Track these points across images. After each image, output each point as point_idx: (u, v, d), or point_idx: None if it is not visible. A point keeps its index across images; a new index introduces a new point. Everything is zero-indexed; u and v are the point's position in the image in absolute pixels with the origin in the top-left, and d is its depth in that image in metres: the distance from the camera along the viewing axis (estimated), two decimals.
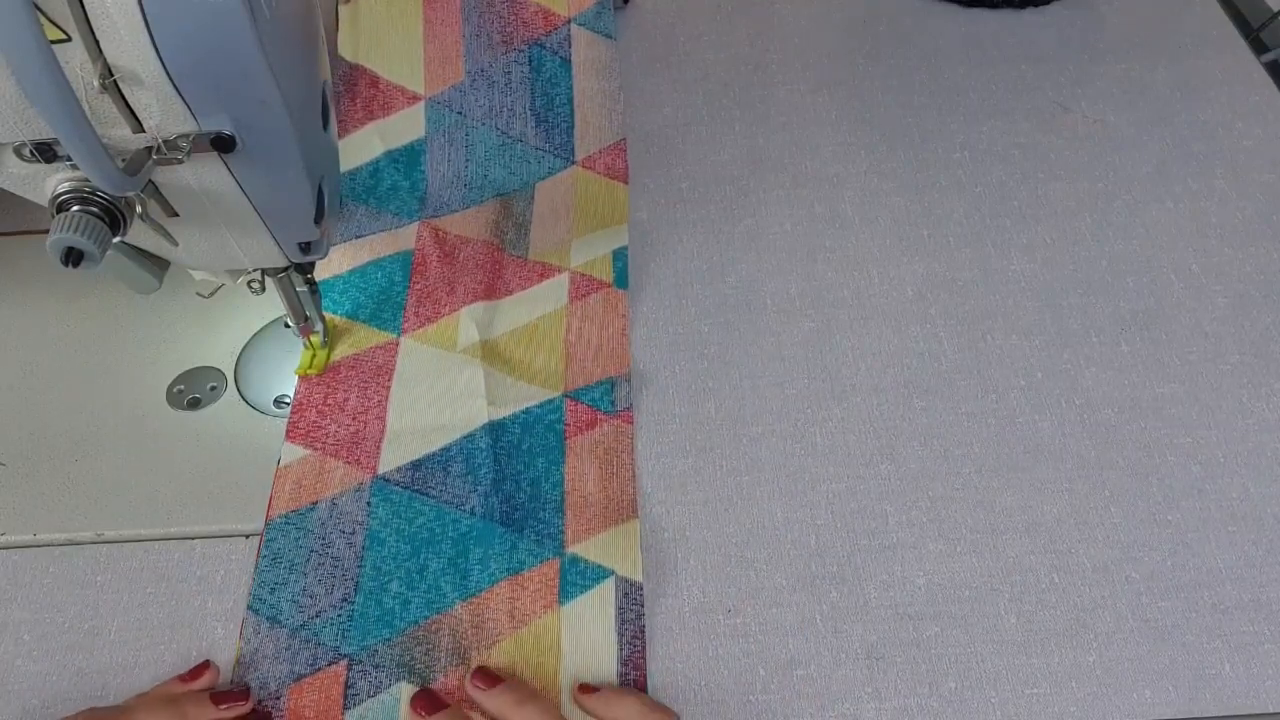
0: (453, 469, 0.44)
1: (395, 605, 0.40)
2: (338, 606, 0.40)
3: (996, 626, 0.40)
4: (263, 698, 0.38)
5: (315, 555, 0.42)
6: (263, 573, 0.41)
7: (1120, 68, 0.62)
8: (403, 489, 0.43)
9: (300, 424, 0.45)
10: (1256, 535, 0.42)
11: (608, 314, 0.50)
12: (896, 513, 0.43)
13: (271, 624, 0.40)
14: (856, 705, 0.38)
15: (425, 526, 0.42)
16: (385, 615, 0.40)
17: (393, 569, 0.41)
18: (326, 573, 0.41)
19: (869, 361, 0.48)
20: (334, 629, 0.40)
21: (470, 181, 0.55)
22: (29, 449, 0.45)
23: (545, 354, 0.48)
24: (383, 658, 0.39)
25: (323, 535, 0.42)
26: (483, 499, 0.43)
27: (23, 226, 0.54)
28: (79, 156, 0.25)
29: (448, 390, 0.47)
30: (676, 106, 0.61)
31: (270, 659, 0.39)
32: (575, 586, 0.40)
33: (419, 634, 0.40)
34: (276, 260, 0.39)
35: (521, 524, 0.42)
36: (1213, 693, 0.38)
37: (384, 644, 0.39)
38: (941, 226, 0.54)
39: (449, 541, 0.42)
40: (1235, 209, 0.54)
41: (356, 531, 0.42)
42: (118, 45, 0.26)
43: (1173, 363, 0.48)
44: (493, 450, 0.44)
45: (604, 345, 0.49)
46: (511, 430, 0.45)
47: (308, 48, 0.34)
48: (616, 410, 0.46)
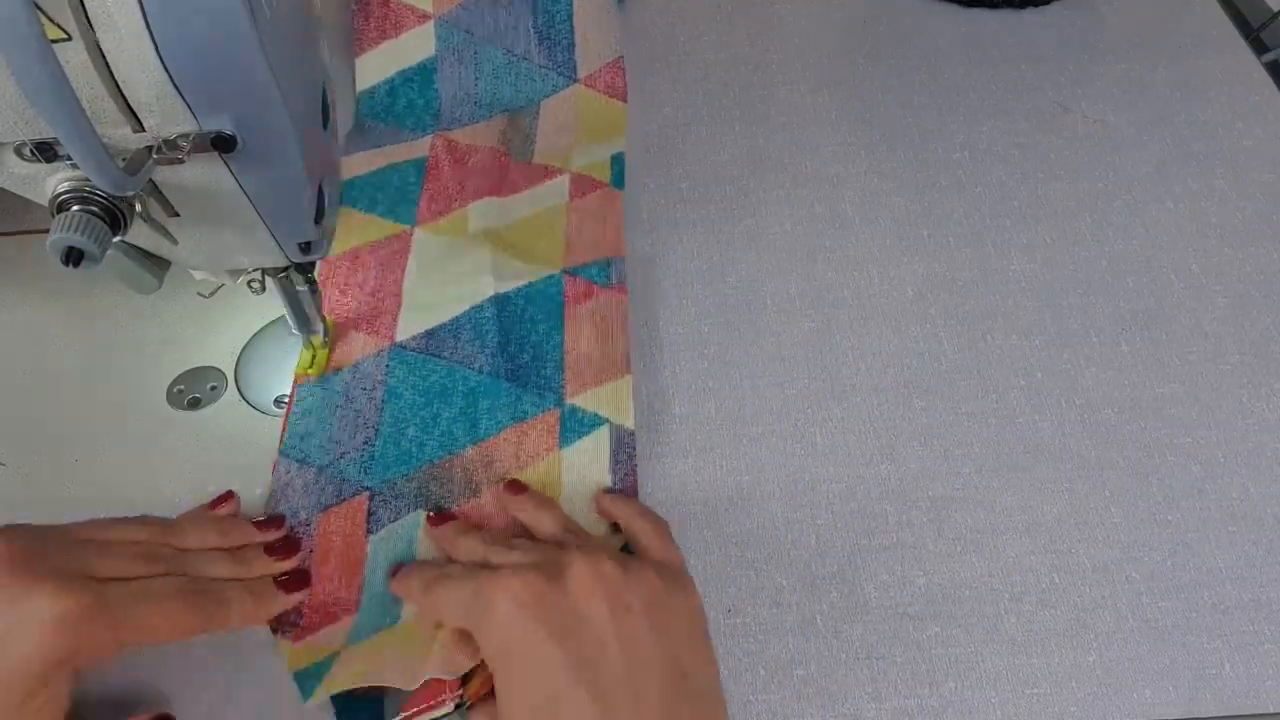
0: (462, 335, 0.48)
1: (412, 447, 0.44)
2: (360, 449, 0.45)
3: (996, 626, 0.40)
4: (294, 524, 0.42)
5: (340, 409, 0.46)
6: (293, 424, 0.45)
7: (1120, 68, 0.62)
8: (417, 353, 0.48)
9: (324, 297, 0.49)
10: (1256, 535, 0.42)
11: (605, 210, 0.53)
12: (896, 513, 0.43)
13: (301, 465, 0.44)
14: (856, 705, 0.38)
15: (438, 383, 0.47)
16: (403, 455, 0.44)
17: (409, 418, 0.45)
18: (349, 422, 0.45)
19: (869, 361, 0.48)
20: (357, 467, 0.44)
21: (480, 99, 0.59)
22: (29, 449, 0.45)
23: (547, 241, 0.52)
24: (401, 490, 0.43)
25: (346, 393, 0.46)
26: (490, 359, 0.47)
27: (23, 226, 0.54)
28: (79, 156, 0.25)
29: (457, 270, 0.50)
30: (676, 106, 0.61)
31: (300, 493, 0.43)
32: (573, 433, 0.45)
33: (434, 471, 0.44)
34: (276, 260, 0.39)
35: (525, 380, 0.46)
36: (1213, 693, 0.38)
37: (402, 479, 0.44)
38: (941, 226, 0.54)
39: (459, 395, 0.46)
40: (1235, 209, 0.54)
41: (376, 388, 0.47)
42: (118, 45, 0.26)
43: (1173, 363, 0.48)
44: (498, 319, 0.48)
45: (601, 237, 0.52)
46: (515, 301, 0.49)
47: (308, 48, 0.34)
48: (611, 284, 0.50)
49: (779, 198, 0.56)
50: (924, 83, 0.62)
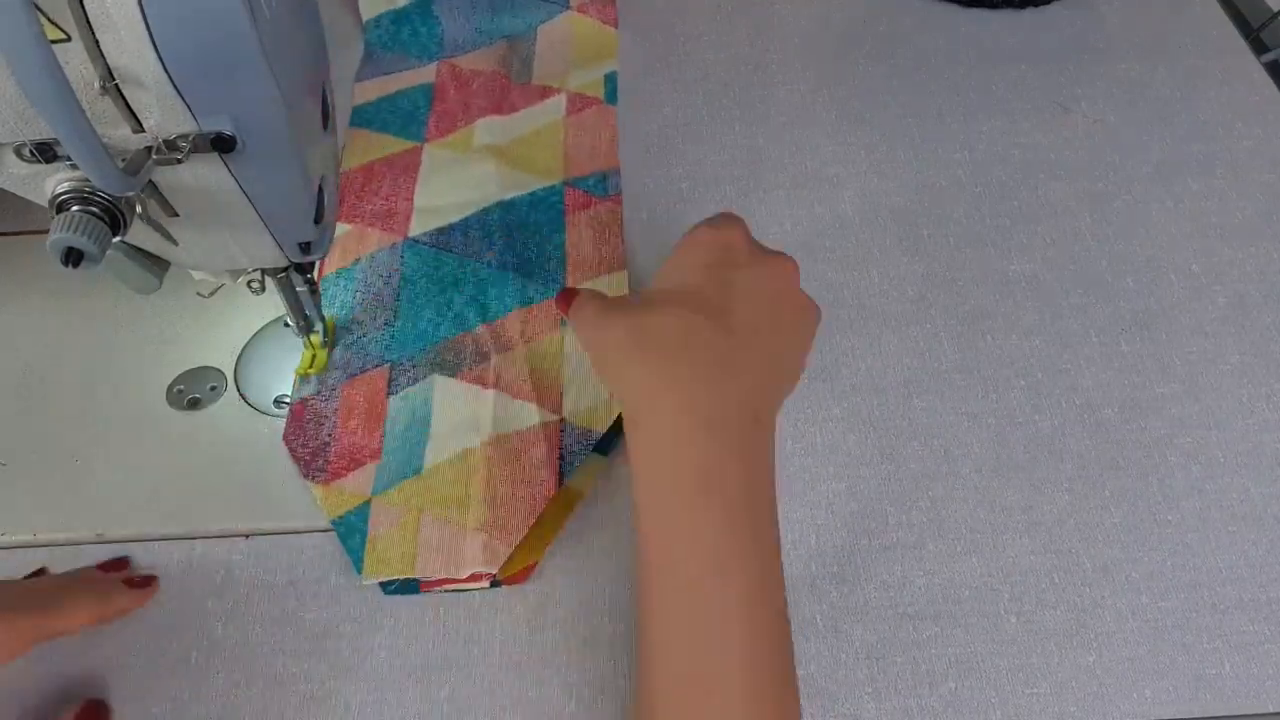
0: (471, 233, 0.52)
1: (428, 327, 0.49)
2: (380, 329, 0.49)
3: (997, 626, 0.40)
4: (320, 389, 0.46)
5: (359, 294, 0.50)
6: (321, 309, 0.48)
7: (1120, 68, 0.62)
8: (428, 247, 0.52)
9: (343, 205, 0.54)
10: (1256, 535, 0.42)
11: (599, 125, 0.58)
12: (896, 512, 0.43)
13: (333, 341, 0.48)
14: (856, 705, 0.38)
15: (450, 272, 0.51)
16: (419, 334, 0.48)
17: (424, 303, 0.50)
18: (369, 306, 0.50)
19: (869, 361, 0.48)
20: (378, 344, 0.48)
21: (479, 26, 0.63)
22: (29, 449, 0.45)
23: (547, 154, 0.57)
24: (418, 360, 0.47)
25: (365, 280, 0.51)
26: (498, 254, 0.51)
27: (23, 226, 0.54)
28: (79, 156, 0.25)
29: (464, 179, 0.55)
30: (676, 106, 0.61)
31: (332, 365, 0.48)
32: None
33: (448, 344, 0.48)
34: (276, 260, 0.39)
35: (530, 271, 0.51)
36: (1213, 693, 0.38)
37: (419, 352, 0.48)
38: (942, 226, 0.54)
39: (470, 283, 0.50)
40: (1235, 209, 0.54)
41: (392, 276, 0.51)
42: (118, 45, 0.26)
43: (1173, 363, 0.48)
44: (503, 221, 0.53)
45: (596, 148, 0.57)
46: (519, 207, 0.54)
47: (308, 48, 0.34)
48: (608, 195, 0.54)
49: (779, 198, 0.56)
50: (924, 83, 0.62)
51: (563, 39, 0.63)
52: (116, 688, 0.39)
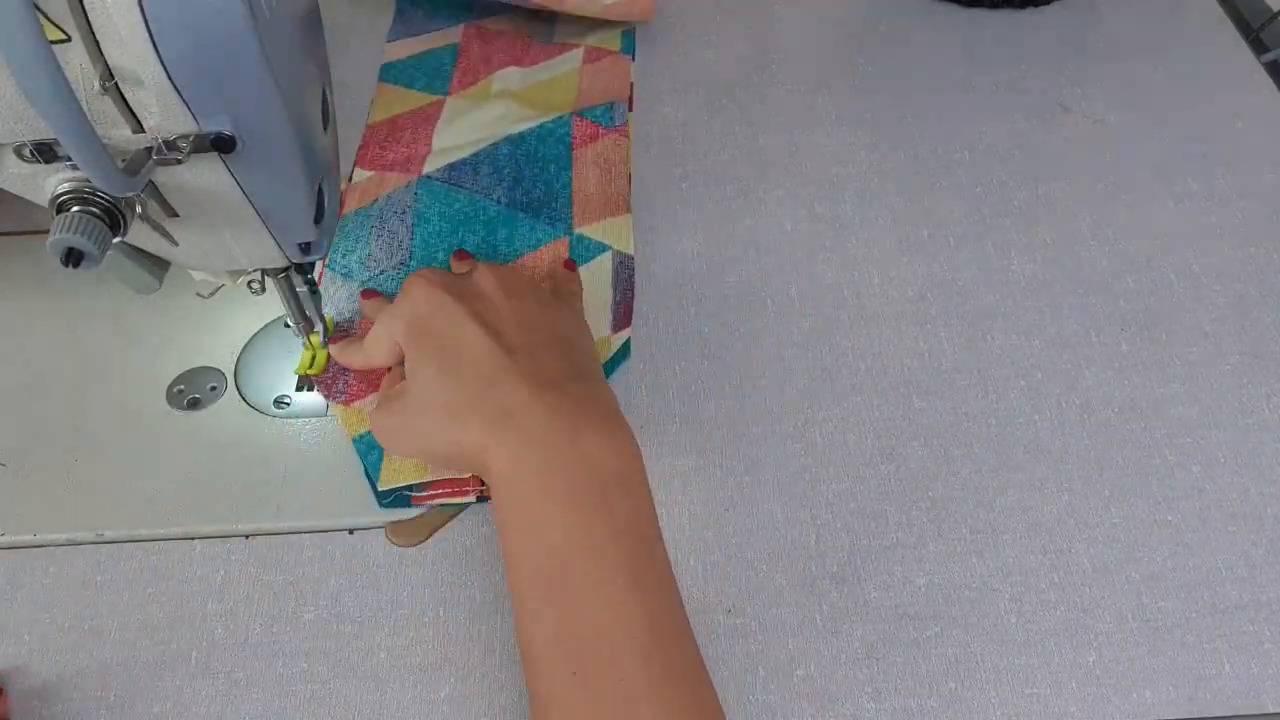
0: (481, 170, 0.55)
1: (442, 267, 0.49)
2: (396, 268, 0.51)
3: (996, 626, 0.40)
4: (340, 321, 0.48)
5: (375, 230, 0.52)
6: (337, 244, 0.52)
7: (1120, 68, 0.62)
8: (441, 183, 0.54)
9: (366, 154, 0.57)
10: (1256, 535, 0.42)
11: (613, 71, 0.61)
12: (896, 513, 0.43)
13: (345, 278, 0.51)
14: (856, 705, 0.38)
15: (461, 210, 0.53)
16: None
17: (437, 244, 0.51)
18: (385, 243, 0.52)
19: (869, 361, 0.48)
20: (394, 282, 0.50)
21: None
22: (29, 449, 0.45)
23: (560, 94, 0.60)
24: None
25: (381, 217, 0.53)
26: (507, 191, 0.53)
27: (23, 226, 0.54)
28: (79, 157, 0.25)
29: (480, 120, 0.58)
30: (676, 106, 0.61)
31: (345, 299, 0.50)
32: (580, 257, 0.51)
33: None
34: (276, 260, 0.39)
35: (537, 211, 0.52)
36: (1213, 693, 0.38)
37: None
38: (942, 226, 0.54)
39: (480, 224, 0.52)
40: (1235, 209, 0.54)
41: (407, 213, 0.53)
42: (118, 45, 0.26)
43: (1173, 363, 0.48)
44: (512, 156, 0.55)
45: (609, 88, 0.59)
46: (528, 140, 0.56)
47: (308, 48, 0.34)
48: (615, 125, 0.56)
49: (779, 198, 0.56)
50: (924, 83, 0.62)
51: (586, 8, 0.65)
52: (117, 688, 0.39)
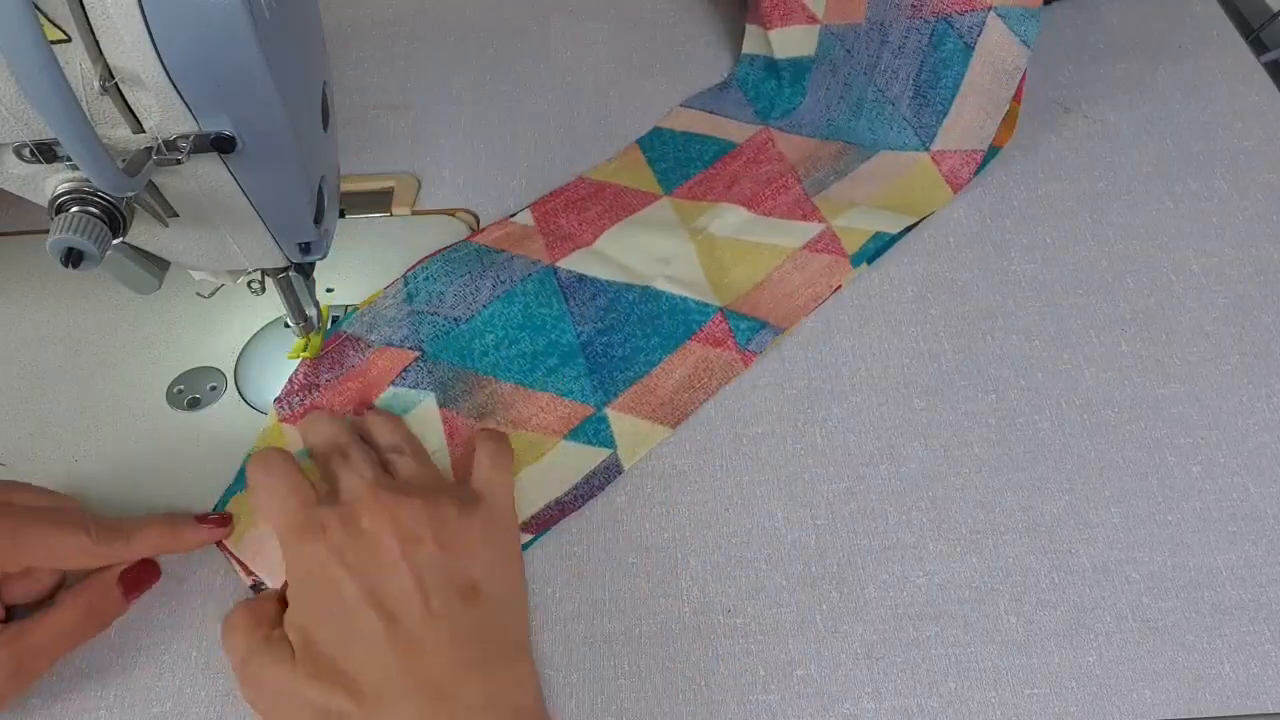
0: (598, 300, 0.50)
1: (477, 349, 0.48)
2: (447, 319, 0.48)
3: (996, 626, 0.40)
4: (362, 336, 0.48)
5: (466, 276, 0.50)
6: (434, 262, 0.50)
7: (1120, 68, 0.62)
8: (558, 285, 0.50)
9: (546, 204, 0.54)
10: (1257, 535, 0.42)
11: (822, 276, 0.51)
12: (896, 513, 0.43)
13: (407, 299, 0.49)
14: (856, 705, 0.38)
15: (541, 317, 0.49)
16: (466, 351, 0.48)
17: (497, 325, 0.48)
18: (460, 292, 0.49)
19: (869, 361, 0.48)
20: (431, 332, 0.48)
21: (834, 120, 0.58)
22: (29, 449, 0.45)
23: (745, 271, 0.51)
24: (439, 372, 0.47)
25: (484, 269, 0.50)
26: (592, 333, 0.49)
27: (23, 227, 0.54)
28: (79, 157, 0.25)
29: (651, 248, 0.52)
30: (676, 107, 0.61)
31: (386, 318, 0.49)
32: (581, 436, 0.46)
33: (470, 378, 0.47)
34: (276, 260, 0.39)
35: (597, 369, 0.47)
36: (1213, 693, 0.38)
37: (447, 365, 0.47)
38: (942, 226, 0.54)
39: (544, 341, 0.48)
40: (1235, 209, 0.54)
41: (505, 283, 0.50)
42: (118, 45, 0.27)
43: (1173, 363, 0.48)
44: (633, 307, 0.50)
45: (792, 298, 0.50)
46: (659, 303, 0.50)
47: (308, 48, 0.34)
48: (746, 348, 0.48)
49: None
50: None
51: (889, 174, 0.55)
52: (117, 687, 0.39)
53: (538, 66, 0.63)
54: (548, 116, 0.60)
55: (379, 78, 0.63)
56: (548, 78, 0.63)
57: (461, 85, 0.62)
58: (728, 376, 0.47)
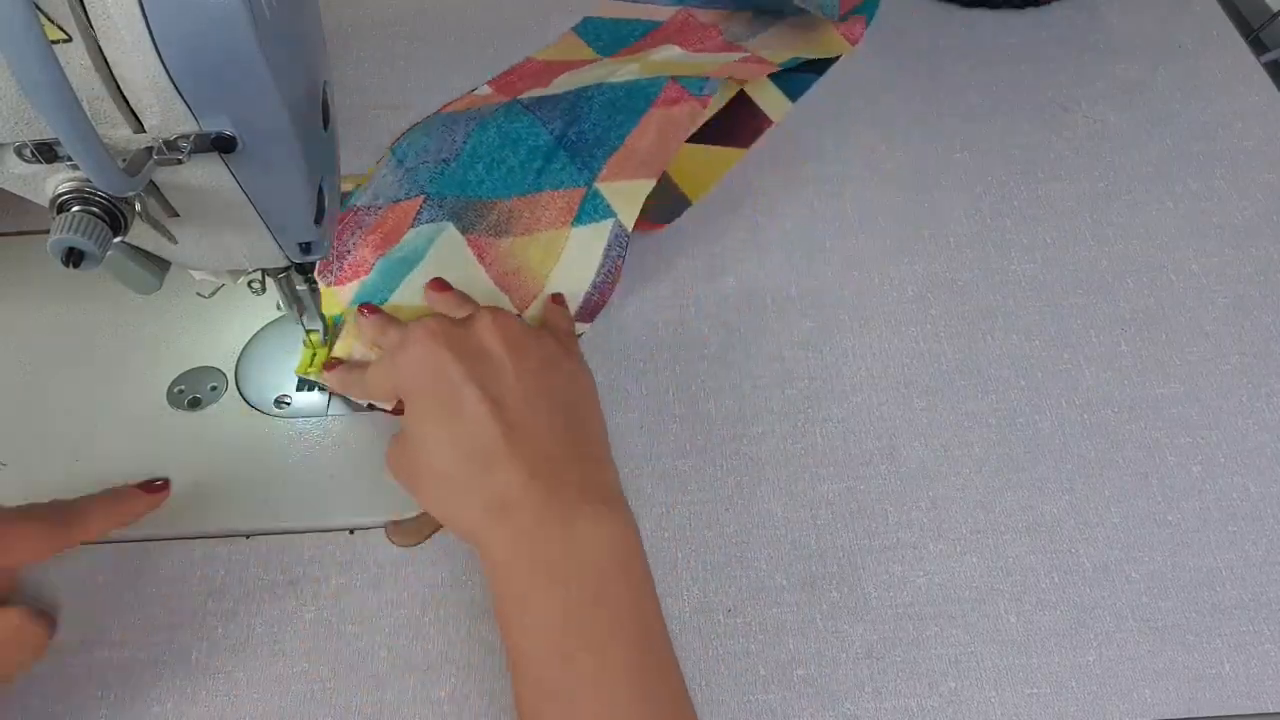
0: (560, 104, 0.53)
1: (473, 178, 0.51)
2: (437, 163, 0.51)
3: (996, 626, 0.40)
4: (370, 204, 0.50)
5: (442, 127, 0.54)
6: (412, 130, 0.55)
7: (1120, 68, 0.62)
8: (522, 109, 0.54)
9: (502, 78, 0.61)
10: (1256, 535, 0.42)
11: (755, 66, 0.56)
12: (896, 512, 0.43)
13: (398, 163, 0.53)
14: (856, 705, 0.38)
15: (517, 130, 0.52)
16: (462, 181, 0.51)
17: (482, 153, 0.51)
18: (441, 139, 0.53)
19: (869, 361, 0.48)
20: (428, 175, 0.51)
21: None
22: (29, 449, 0.45)
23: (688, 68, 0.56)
24: (448, 205, 0.50)
25: (455, 120, 0.54)
26: (564, 126, 0.52)
27: (23, 227, 0.54)
28: (79, 157, 0.25)
29: (607, 77, 0.56)
30: None
31: (384, 182, 0.52)
32: (586, 216, 0.49)
33: (477, 205, 0.50)
34: (277, 260, 0.39)
35: (575, 153, 0.51)
36: (1213, 693, 0.38)
37: (453, 198, 0.50)
38: (942, 226, 0.54)
39: (525, 148, 0.52)
40: (1235, 209, 0.54)
41: (475, 119, 0.53)
42: (118, 45, 0.26)
43: (1173, 363, 0.48)
44: (594, 99, 0.53)
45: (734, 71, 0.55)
46: (618, 90, 0.54)
47: (308, 48, 0.34)
48: (702, 93, 0.52)
49: (778, 197, 0.56)
50: (924, 83, 0.62)
51: (794, 29, 0.62)
52: (116, 687, 0.39)
53: None
54: None
55: (379, 78, 0.63)
56: None
57: (461, 85, 0.62)
58: (693, 123, 0.52)
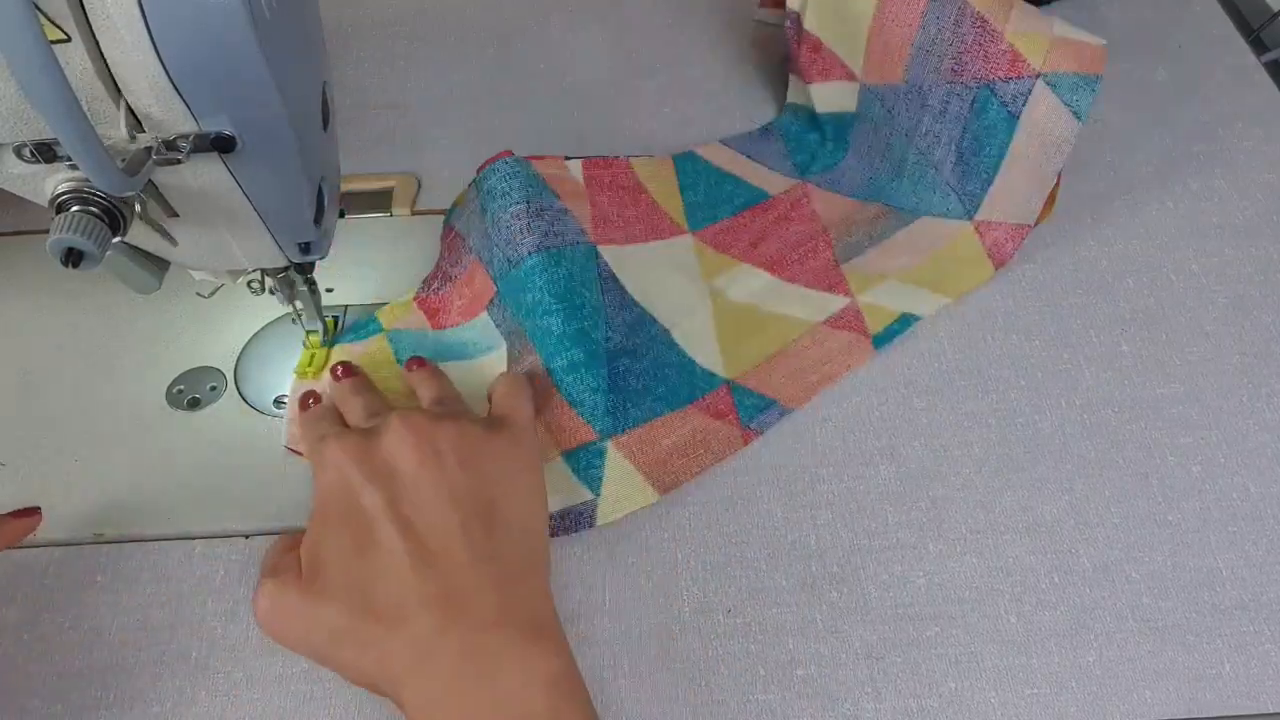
0: (625, 314, 0.47)
1: (525, 304, 0.45)
2: (504, 261, 0.46)
3: (997, 627, 0.40)
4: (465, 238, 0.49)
5: (524, 207, 0.46)
6: (496, 171, 0.47)
7: (1120, 68, 0.62)
8: (596, 272, 0.47)
9: (592, 167, 0.54)
10: (1256, 535, 0.42)
11: (840, 355, 0.48)
12: (896, 513, 0.43)
13: (482, 210, 0.47)
14: (856, 705, 0.38)
15: (582, 299, 0.45)
16: (518, 301, 0.46)
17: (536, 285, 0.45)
18: (512, 228, 0.46)
19: (869, 361, 0.48)
20: (499, 264, 0.46)
21: (875, 179, 0.55)
22: (29, 449, 0.45)
23: (759, 343, 0.48)
24: (506, 319, 0.47)
25: (537, 210, 0.46)
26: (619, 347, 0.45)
27: (23, 226, 0.54)
28: (79, 157, 0.25)
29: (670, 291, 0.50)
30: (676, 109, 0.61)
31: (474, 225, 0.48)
32: (577, 461, 0.44)
33: (523, 338, 0.46)
34: (276, 260, 0.39)
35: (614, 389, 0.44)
36: (1213, 693, 0.38)
37: (510, 314, 0.46)
38: None
39: (576, 326, 0.44)
40: (1235, 209, 0.54)
41: (552, 238, 0.46)
42: (117, 45, 0.26)
43: (1173, 363, 0.48)
44: (652, 343, 0.47)
45: (805, 375, 0.47)
46: (671, 353, 0.47)
47: (308, 48, 0.34)
48: (749, 426, 0.45)
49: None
50: None
51: (929, 243, 0.52)
52: (116, 688, 0.39)
53: (537, 66, 0.63)
54: (547, 116, 0.60)
55: (379, 78, 0.63)
56: (548, 78, 0.63)
57: (461, 85, 0.62)
58: (724, 452, 0.44)
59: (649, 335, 0.47)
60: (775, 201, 0.54)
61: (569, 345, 0.44)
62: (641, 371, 0.45)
